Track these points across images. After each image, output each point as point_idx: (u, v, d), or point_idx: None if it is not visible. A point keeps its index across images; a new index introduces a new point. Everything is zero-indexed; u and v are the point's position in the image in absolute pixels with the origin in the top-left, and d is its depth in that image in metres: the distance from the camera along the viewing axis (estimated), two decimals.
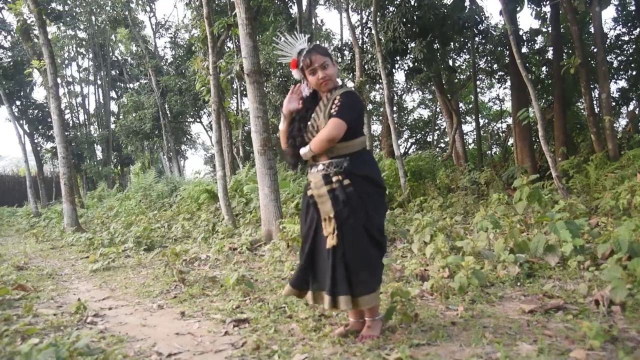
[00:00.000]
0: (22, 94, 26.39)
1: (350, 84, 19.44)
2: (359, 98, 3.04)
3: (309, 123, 3.05)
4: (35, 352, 2.13)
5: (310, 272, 3.03)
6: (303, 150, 3.01)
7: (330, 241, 2.86)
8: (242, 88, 19.55)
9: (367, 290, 2.88)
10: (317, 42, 3.43)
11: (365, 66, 13.46)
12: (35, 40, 15.51)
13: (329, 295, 2.86)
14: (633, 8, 13.71)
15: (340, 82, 3.09)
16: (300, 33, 3.21)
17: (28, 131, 26.39)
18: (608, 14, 68.53)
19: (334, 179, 2.92)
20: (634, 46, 14.68)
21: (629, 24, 14.45)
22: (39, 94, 57.57)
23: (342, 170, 2.92)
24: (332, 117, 2.87)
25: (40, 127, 27.80)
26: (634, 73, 14.86)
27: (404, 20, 12.27)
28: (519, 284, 4.20)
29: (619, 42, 14.96)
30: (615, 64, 15.12)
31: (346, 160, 2.94)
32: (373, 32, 11.57)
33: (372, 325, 3.03)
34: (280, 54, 3.13)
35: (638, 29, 13.60)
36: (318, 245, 3.00)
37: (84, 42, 32.14)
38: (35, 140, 27.47)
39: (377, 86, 18.27)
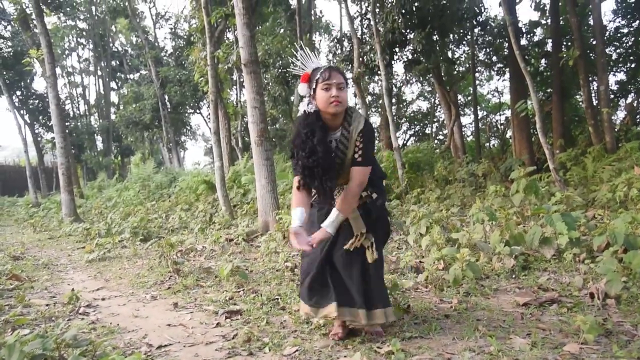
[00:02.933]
0: (22, 84, 26.35)
1: (348, 76, 19.36)
2: (372, 129, 2.91)
3: (334, 153, 2.85)
4: (20, 343, 2.10)
5: (327, 287, 2.89)
6: (330, 222, 2.79)
7: (371, 256, 2.84)
8: (241, 79, 19.47)
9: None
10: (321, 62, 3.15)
11: (364, 57, 13.37)
12: (35, 30, 15.44)
13: (382, 309, 2.85)
14: (633, 0, 13.62)
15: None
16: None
17: (28, 121, 26.36)
18: (607, 6, 68.20)
19: (364, 194, 2.88)
20: (633, 39, 14.58)
21: (629, 16, 14.33)
22: (39, 84, 57.47)
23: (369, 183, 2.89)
24: (358, 166, 2.79)
25: (40, 118, 27.76)
26: (633, 65, 14.78)
27: (403, 11, 12.17)
28: (514, 276, 4.18)
29: (618, 35, 14.85)
30: (614, 56, 15.02)
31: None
32: (372, 23, 11.50)
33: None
34: (297, 64, 2.93)
35: (637, 22, 13.52)
36: (337, 261, 2.91)
37: (84, 33, 32.08)
38: (36, 131, 27.43)
39: (376, 77, 18.20)
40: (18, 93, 26.44)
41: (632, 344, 2.57)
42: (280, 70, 17.03)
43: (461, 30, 14.78)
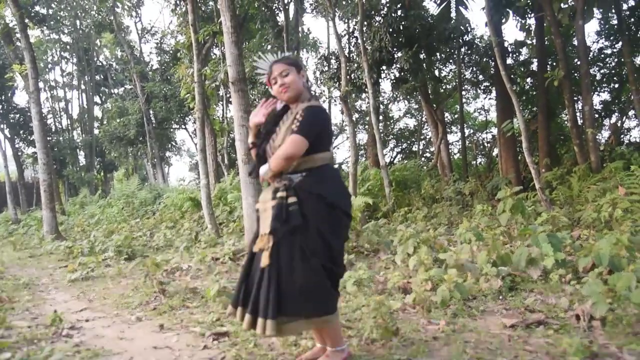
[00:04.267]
0: (3, 97, 26.03)
1: (336, 94, 19.49)
2: (322, 113, 2.89)
3: (270, 138, 2.93)
4: None
5: (243, 288, 2.82)
6: (263, 170, 2.85)
7: (264, 260, 2.67)
8: (227, 95, 19.48)
9: (298, 316, 2.68)
10: (289, 54, 3.22)
11: (352, 75, 13.48)
12: (18, 43, 15.34)
13: (261, 319, 2.63)
14: (615, 22, 13.92)
15: (309, 95, 2.94)
16: (283, 51, 3.15)
17: (9, 136, 26.05)
18: (591, 28, 69.40)
19: (278, 194, 2.74)
20: (616, 59, 14.90)
21: (611, 38, 14.68)
22: (20, 98, 57.00)
23: (291, 186, 2.74)
24: (292, 134, 2.72)
25: (21, 132, 27.41)
26: (616, 86, 15.07)
27: (391, 30, 12.33)
28: (501, 297, 4.19)
29: (602, 55, 15.19)
30: (598, 76, 15.32)
31: (300, 176, 2.76)
32: (359, 41, 11.61)
33: (331, 356, 2.82)
34: (259, 72, 3.04)
35: (620, 43, 13.80)
36: (254, 262, 2.82)
37: (68, 47, 31.87)
38: (16, 145, 27.08)
39: (363, 95, 18.35)
40: None
41: None
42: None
43: (448, 49, 14.98)
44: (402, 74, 13.61)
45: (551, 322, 3.42)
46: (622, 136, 14.86)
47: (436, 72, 16.35)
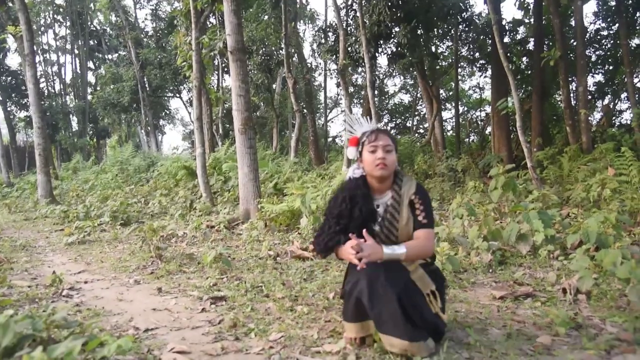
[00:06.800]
0: None
1: (332, 66, 19.41)
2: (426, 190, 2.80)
3: (385, 221, 2.68)
4: (13, 322, 2.13)
5: None
6: (400, 251, 2.52)
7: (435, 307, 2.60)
8: (223, 65, 19.36)
9: None
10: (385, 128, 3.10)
11: (349, 49, 13.43)
12: (10, 4, 15.11)
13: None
14: (613, 3, 13.88)
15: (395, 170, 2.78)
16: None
17: (1, 99, 25.77)
18: (589, 8, 69.17)
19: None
20: (612, 41, 14.91)
21: (609, 19, 14.65)
22: (12, 60, 56.14)
23: None
24: (425, 228, 2.63)
25: (13, 95, 27.11)
26: (611, 68, 15.11)
27: (389, 4, 12.23)
28: (490, 270, 4.30)
29: (598, 37, 15.18)
30: (594, 57, 15.33)
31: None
32: (358, 14, 11.54)
33: None
34: (347, 128, 2.90)
35: (617, 25, 13.80)
36: None
37: (61, 9, 31.34)
38: (8, 108, 26.81)
39: (360, 69, 18.28)
40: None
41: (600, 337, 2.68)
42: (263, 58, 16.99)
43: (446, 26, 14.91)
44: (399, 49, 13.57)
45: (539, 294, 3.52)
46: (613, 118, 14.95)
47: (433, 48, 16.29)
